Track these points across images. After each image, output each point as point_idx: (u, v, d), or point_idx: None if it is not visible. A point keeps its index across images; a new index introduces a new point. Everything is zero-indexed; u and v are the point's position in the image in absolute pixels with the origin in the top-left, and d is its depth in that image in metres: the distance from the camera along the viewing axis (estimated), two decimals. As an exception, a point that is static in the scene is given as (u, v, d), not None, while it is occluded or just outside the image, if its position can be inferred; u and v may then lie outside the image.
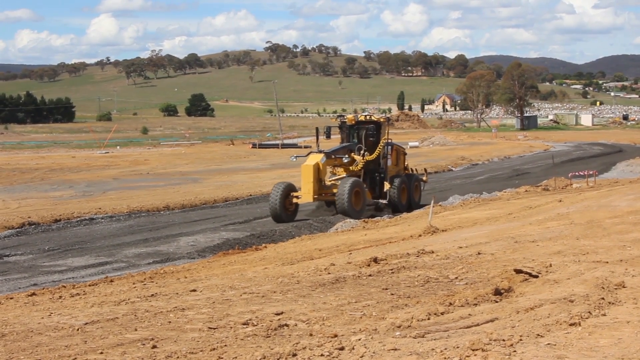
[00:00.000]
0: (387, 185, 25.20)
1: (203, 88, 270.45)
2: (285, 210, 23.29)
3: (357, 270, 11.06)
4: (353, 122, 25.57)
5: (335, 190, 23.53)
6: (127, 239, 20.29)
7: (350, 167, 24.78)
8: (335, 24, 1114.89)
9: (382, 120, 25.98)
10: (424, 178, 27.86)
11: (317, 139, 25.71)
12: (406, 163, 27.40)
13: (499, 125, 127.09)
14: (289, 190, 23.64)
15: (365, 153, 24.90)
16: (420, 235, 15.77)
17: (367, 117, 26.20)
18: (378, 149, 25.01)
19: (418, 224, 18.07)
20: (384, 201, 25.18)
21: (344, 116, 26.71)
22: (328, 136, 26.36)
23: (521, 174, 40.90)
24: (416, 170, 28.18)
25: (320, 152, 24.12)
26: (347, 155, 24.51)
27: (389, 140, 26.07)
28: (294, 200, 23.69)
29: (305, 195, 23.55)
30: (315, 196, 23.59)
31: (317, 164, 23.55)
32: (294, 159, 26.86)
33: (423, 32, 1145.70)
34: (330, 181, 24.59)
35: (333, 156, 24.44)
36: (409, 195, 25.84)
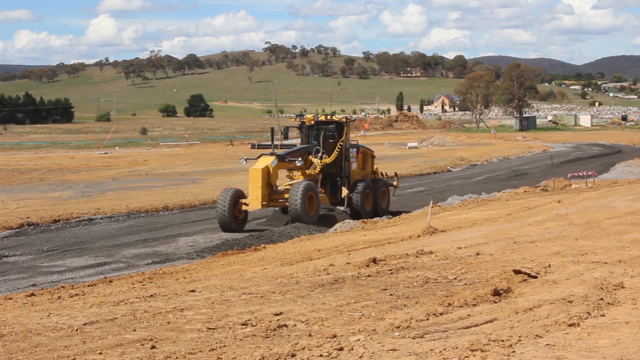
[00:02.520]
0: (344, 191, 23.30)
1: (202, 88, 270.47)
2: (235, 218, 21.48)
3: (356, 271, 11.07)
4: (312, 122, 23.85)
5: (287, 196, 21.63)
6: (126, 239, 20.29)
7: (308, 171, 22.97)
8: (335, 24, 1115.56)
9: (343, 120, 24.15)
10: (395, 183, 26.15)
11: (272, 140, 24.03)
12: (375, 167, 25.76)
13: (498, 126, 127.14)
14: (238, 196, 21.77)
15: (324, 156, 23.13)
16: (419, 236, 15.76)
17: (328, 117, 24.85)
18: (335, 151, 23.15)
19: (417, 225, 18.06)
20: (342, 208, 23.30)
21: (303, 116, 24.94)
22: (285, 137, 24.56)
23: (520, 174, 40.92)
24: (386, 174, 26.51)
25: (272, 154, 22.27)
26: (300, 158, 22.55)
27: (355, 142, 24.78)
28: (243, 207, 21.78)
29: (253, 202, 21.54)
30: (264, 202, 21.57)
31: (267, 167, 21.65)
32: (244, 162, 24.32)
33: (422, 33, 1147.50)
34: (284, 185, 22.80)
35: (287, 159, 22.49)
36: (374, 200, 23.92)
